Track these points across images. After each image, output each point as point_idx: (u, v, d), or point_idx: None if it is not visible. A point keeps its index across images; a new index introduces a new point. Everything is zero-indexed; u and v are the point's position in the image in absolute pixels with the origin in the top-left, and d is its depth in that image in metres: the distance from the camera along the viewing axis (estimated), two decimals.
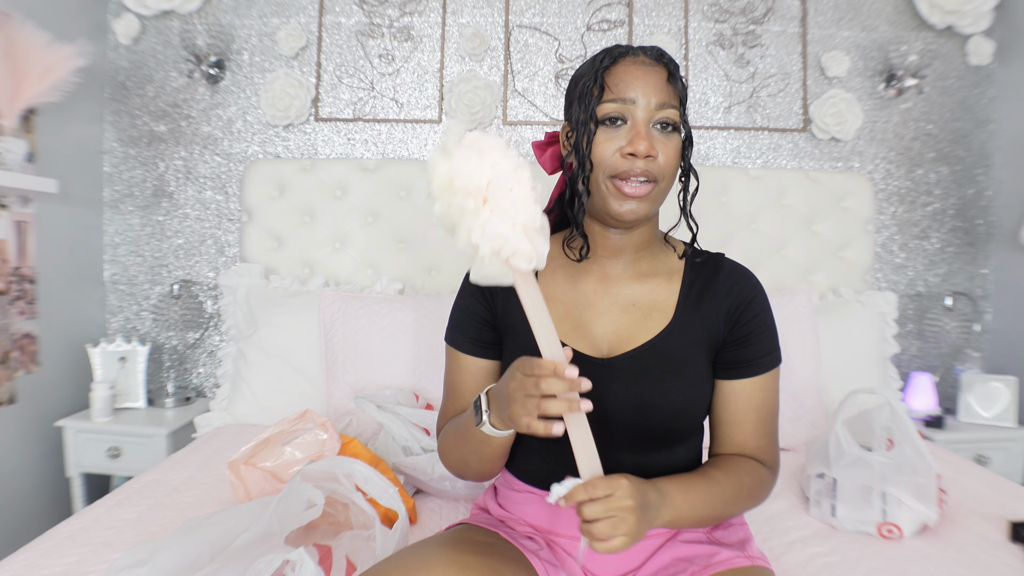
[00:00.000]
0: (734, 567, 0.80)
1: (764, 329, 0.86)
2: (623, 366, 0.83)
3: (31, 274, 1.76)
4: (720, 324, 0.85)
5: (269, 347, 1.74)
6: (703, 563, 0.81)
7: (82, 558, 0.97)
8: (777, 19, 2.10)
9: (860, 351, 1.81)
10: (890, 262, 2.17)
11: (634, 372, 0.83)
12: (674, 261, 0.90)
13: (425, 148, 2.09)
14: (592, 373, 0.72)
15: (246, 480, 1.08)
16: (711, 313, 0.85)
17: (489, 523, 0.90)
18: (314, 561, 0.75)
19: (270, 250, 1.96)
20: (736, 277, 0.88)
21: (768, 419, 0.87)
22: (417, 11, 2.07)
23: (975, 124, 2.15)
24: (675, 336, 0.84)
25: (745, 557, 0.83)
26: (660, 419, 0.82)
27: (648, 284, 0.87)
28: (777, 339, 0.88)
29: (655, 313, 0.86)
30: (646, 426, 0.82)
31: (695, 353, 0.84)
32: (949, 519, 1.19)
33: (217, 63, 2.01)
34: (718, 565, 0.80)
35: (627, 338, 0.85)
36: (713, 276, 0.88)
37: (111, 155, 2.07)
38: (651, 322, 0.85)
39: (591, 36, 2.09)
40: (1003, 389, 1.92)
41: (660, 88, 0.80)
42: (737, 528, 0.91)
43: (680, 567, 0.82)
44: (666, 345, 0.84)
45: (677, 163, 0.82)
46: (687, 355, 0.84)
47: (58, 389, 1.87)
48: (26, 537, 1.20)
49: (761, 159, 2.13)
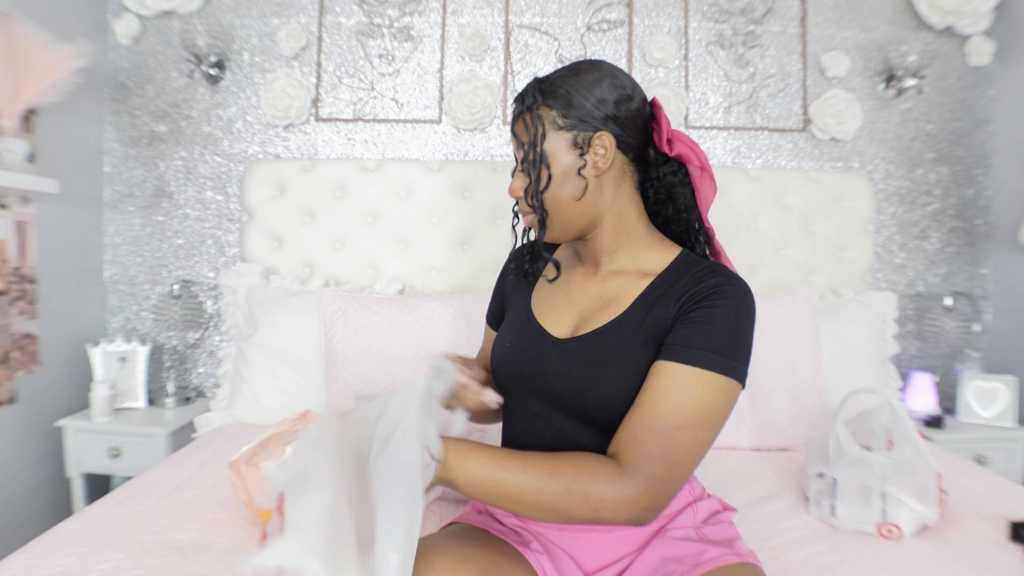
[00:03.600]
0: (724, 564, 0.81)
1: (708, 321, 0.77)
2: (570, 348, 0.87)
3: (31, 274, 1.76)
4: (669, 315, 0.81)
5: (269, 347, 1.74)
6: (692, 562, 0.82)
7: (82, 558, 0.97)
8: (777, 19, 2.10)
9: (860, 351, 1.82)
10: (890, 262, 2.17)
11: (577, 356, 0.86)
12: (661, 261, 0.89)
13: (425, 148, 2.09)
14: (545, 350, 0.89)
15: (247, 480, 1.08)
16: (665, 307, 0.82)
17: (481, 521, 0.92)
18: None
19: (270, 250, 1.96)
20: (707, 273, 0.82)
21: (663, 416, 0.74)
22: (417, 11, 2.07)
23: (975, 124, 2.15)
24: (621, 328, 0.84)
25: (734, 554, 0.83)
26: (592, 404, 0.83)
27: (619, 280, 0.90)
28: (726, 348, 0.76)
29: (613, 305, 0.88)
30: (582, 408, 0.84)
31: (638, 347, 0.81)
32: (949, 519, 1.19)
33: (217, 63, 2.01)
34: (707, 563, 0.81)
35: (583, 325, 0.89)
36: (685, 273, 0.84)
37: (111, 155, 2.07)
38: (606, 312, 0.88)
39: (591, 36, 2.09)
40: (1003, 389, 1.92)
41: (512, 135, 0.90)
42: (726, 526, 0.92)
43: (670, 567, 0.82)
44: (610, 335, 0.84)
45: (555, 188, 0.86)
46: (628, 348, 0.82)
47: (58, 389, 1.87)
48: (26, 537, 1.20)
49: (761, 159, 2.13)
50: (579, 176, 0.86)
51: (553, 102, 0.85)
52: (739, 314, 0.79)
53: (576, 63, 0.89)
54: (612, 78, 0.86)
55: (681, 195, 0.92)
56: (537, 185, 0.86)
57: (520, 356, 0.91)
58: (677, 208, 0.93)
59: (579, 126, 0.84)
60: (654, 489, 0.72)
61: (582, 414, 0.85)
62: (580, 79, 0.85)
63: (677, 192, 0.92)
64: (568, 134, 0.85)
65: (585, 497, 0.72)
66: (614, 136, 0.85)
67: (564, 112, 0.85)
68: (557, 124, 0.85)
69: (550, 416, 0.88)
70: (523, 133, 0.87)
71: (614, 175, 0.88)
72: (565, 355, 0.87)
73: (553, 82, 0.86)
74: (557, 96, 0.85)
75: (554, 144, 0.85)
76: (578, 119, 0.84)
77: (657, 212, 0.95)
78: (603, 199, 0.88)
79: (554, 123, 0.85)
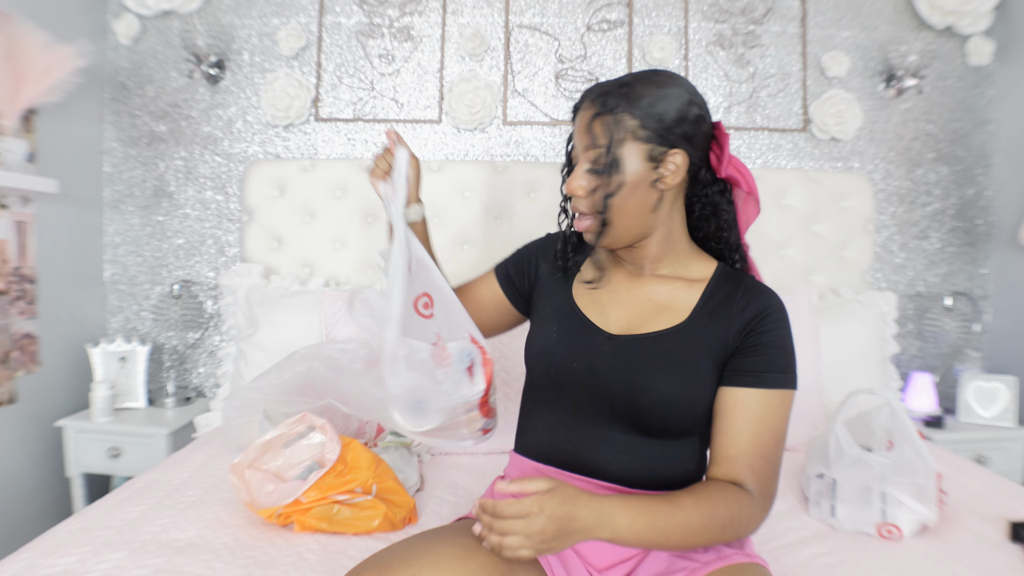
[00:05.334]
0: (734, 563, 0.81)
1: (776, 345, 0.86)
2: (626, 345, 0.88)
3: (31, 274, 1.76)
4: (731, 335, 0.86)
5: (269, 347, 1.74)
6: (702, 560, 0.83)
7: (82, 558, 0.97)
8: (777, 19, 2.10)
9: (860, 351, 1.81)
10: (890, 262, 2.17)
11: (634, 354, 0.87)
12: (702, 272, 0.93)
13: (425, 148, 2.09)
14: (597, 344, 0.89)
15: (250, 483, 1.09)
16: (724, 323, 0.87)
17: None
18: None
19: (270, 250, 1.96)
20: (755, 293, 0.88)
21: (767, 440, 0.83)
22: (417, 11, 2.07)
23: (975, 124, 2.15)
24: (683, 335, 0.87)
25: (744, 554, 0.84)
26: (648, 405, 0.84)
27: (668, 286, 0.92)
28: (791, 363, 0.86)
29: (668, 311, 0.90)
30: (634, 408, 0.85)
31: (698, 355, 0.85)
32: (949, 519, 1.19)
33: (217, 63, 2.01)
34: (717, 562, 0.82)
35: (637, 325, 0.90)
36: (734, 290, 0.89)
37: (111, 155, 2.07)
38: (663, 317, 0.90)
39: (591, 36, 2.09)
40: (1003, 389, 1.92)
41: (583, 131, 0.88)
42: None
43: (680, 565, 0.83)
44: (671, 340, 0.87)
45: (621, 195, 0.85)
46: (690, 354, 0.86)
47: (58, 389, 1.87)
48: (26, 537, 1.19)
49: (761, 159, 2.13)
50: (649, 188, 0.86)
51: (636, 111, 0.84)
52: (789, 330, 0.88)
53: (655, 71, 0.88)
54: (692, 95, 0.87)
55: (726, 214, 0.94)
56: (607, 189, 0.85)
57: (568, 348, 0.91)
58: (720, 226, 0.95)
59: (657, 140, 0.85)
60: (773, 500, 0.85)
61: (628, 414, 0.86)
62: (665, 92, 0.85)
63: (722, 210, 0.94)
64: (645, 146, 0.85)
65: (736, 528, 0.80)
66: (688, 155, 0.87)
67: (645, 123, 0.84)
68: (636, 134, 0.84)
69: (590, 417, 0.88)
70: (602, 134, 0.85)
71: (673, 191, 0.90)
72: (621, 352, 0.88)
73: (637, 90, 0.85)
74: (640, 105, 0.84)
75: (630, 153, 0.85)
76: (657, 133, 0.84)
77: (698, 227, 0.96)
78: (661, 213, 0.89)
79: (633, 133, 0.84)
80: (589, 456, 0.88)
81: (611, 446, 0.87)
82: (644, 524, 0.76)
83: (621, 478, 0.86)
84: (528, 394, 0.99)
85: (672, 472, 0.87)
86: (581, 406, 0.89)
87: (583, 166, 0.88)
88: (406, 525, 1.17)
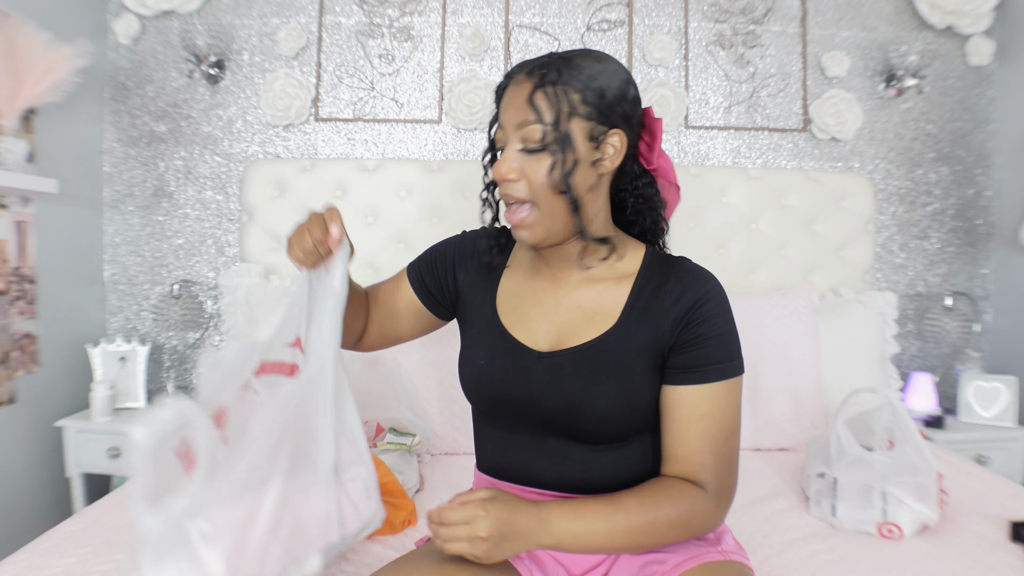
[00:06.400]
0: (706, 562, 0.80)
1: (716, 335, 0.80)
2: (558, 362, 0.83)
3: (31, 274, 1.75)
4: (666, 331, 0.81)
5: None
6: (674, 561, 0.81)
7: (83, 558, 0.97)
8: (777, 19, 2.10)
9: (860, 351, 1.82)
10: (890, 262, 2.17)
11: (567, 370, 0.82)
12: (631, 266, 0.87)
13: (425, 148, 2.09)
14: (528, 364, 0.84)
15: None
16: (657, 319, 0.81)
17: None
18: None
19: (270, 250, 1.96)
20: (689, 281, 0.82)
21: (718, 435, 0.79)
22: (417, 11, 2.07)
23: (975, 124, 2.15)
24: (614, 341, 0.82)
25: (718, 552, 0.82)
26: (589, 420, 0.81)
27: (595, 288, 0.86)
28: (734, 348, 0.81)
29: (598, 316, 0.84)
30: (576, 424, 0.82)
31: (634, 359, 0.81)
32: (949, 519, 1.19)
33: (217, 63, 2.01)
34: (689, 562, 0.80)
35: (567, 337, 0.85)
36: (664, 281, 0.83)
37: (111, 155, 2.07)
38: (592, 324, 0.84)
39: (591, 36, 2.09)
40: (1003, 389, 1.92)
41: (520, 107, 0.78)
42: None
43: (652, 568, 0.81)
44: (603, 348, 0.82)
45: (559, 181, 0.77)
46: (625, 360, 0.81)
47: (58, 389, 1.86)
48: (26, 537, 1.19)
49: (761, 159, 2.13)
50: (590, 169, 0.79)
51: (577, 83, 0.77)
52: (728, 312, 0.83)
53: (587, 49, 0.81)
54: (629, 75, 0.81)
55: (660, 206, 0.89)
56: (564, 168, 0.76)
57: (500, 374, 0.86)
58: (655, 219, 0.89)
59: (598, 117, 0.78)
60: (731, 495, 0.82)
61: (571, 430, 0.83)
62: (605, 67, 0.79)
63: (655, 202, 0.88)
64: (587, 123, 0.78)
65: (687, 526, 0.78)
66: (626, 138, 0.81)
67: (586, 98, 0.77)
68: (578, 110, 0.77)
69: (533, 435, 0.85)
70: (547, 108, 0.76)
71: (607, 178, 0.83)
72: (554, 371, 0.83)
73: (575, 62, 0.78)
74: (581, 78, 0.77)
75: (573, 130, 0.77)
76: (598, 110, 0.78)
77: (633, 223, 0.91)
78: (597, 200, 0.83)
79: (575, 108, 0.77)
80: (542, 470, 0.86)
81: (561, 459, 0.84)
82: (583, 527, 0.75)
83: (578, 488, 0.84)
84: (475, 414, 0.95)
85: (629, 474, 0.84)
86: (525, 425, 0.86)
87: (515, 145, 0.79)
88: (405, 527, 1.17)
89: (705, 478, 0.79)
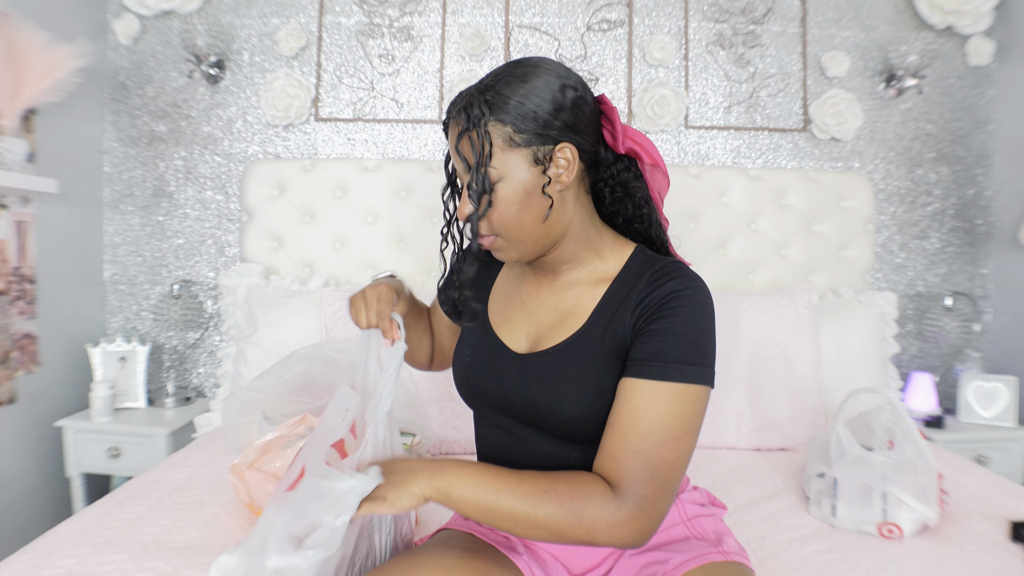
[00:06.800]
0: (708, 562, 0.80)
1: (673, 332, 0.75)
2: (529, 364, 0.84)
3: (31, 274, 1.75)
4: (628, 327, 0.78)
5: (269, 347, 1.74)
6: (676, 562, 0.81)
7: (83, 559, 0.97)
8: (777, 19, 2.10)
9: (860, 351, 1.81)
10: (890, 262, 2.17)
11: (536, 373, 0.83)
12: (612, 268, 0.85)
13: (425, 148, 2.09)
14: (505, 364, 0.86)
15: (249, 484, 1.08)
16: (622, 317, 0.79)
17: (469, 527, 0.92)
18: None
19: (270, 250, 1.96)
20: (664, 279, 0.78)
21: (645, 436, 0.71)
22: (417, 11, 2.07)
23: (975, 124, 2.15)
24: (581, 342, 0.81)
25: (719, 552, 0.82)
26: (555, 423, 0.81)
27: (574, 291, 0.86)
28: (692, 355, 0.74)
29: (570, 319, 0.84)
30: (546, 425, 0.83)
31: (599, 361, 0.79)
32: (949, 519, 1.19)
33: (217, 63, 2.01)
34: (691, 562, 0.80)
35: (543, 339, 0.86)
36: (639, 279, 0.81)
37: (111, 155, 2.07)
38: (564, 327, 0.84)
39: (591, 36, 2.09)
40: (1003, 389, 1.92)
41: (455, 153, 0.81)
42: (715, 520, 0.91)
43: (654, 569, 0.81)
44: (570, 351, 0.82)
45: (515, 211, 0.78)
46: (590, 364, 0.79)
47: (58, 389, 1.86)
48: (27, 537, 1.19)
49: (761, 159, 2.13)
50: (543, 195, 0.79)
51: (505, 116, 0.76)
52: (699, 317, 0.76)
53: (515, 64, 0.79)
54: (562, 79, 0.79)
55: (638, 189, 0.86)
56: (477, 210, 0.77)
57: (480, 370, 0.89)
58: (636, 203, 0.87)
59: (538, 140, 0.76)
60: (647, 511, 0.71)
61: (546, 428, 0.84)
62: (531, 85, 0.76)
63: (633, 187, 0.86)
64: (527, 150, 0.77)
65: (579, 518, 0.70)
66: (575, 146, 0.79)
67: (519, 126, 0.76)
68: (514, 141, 0.76)
69: (516, 429, 0.87)
70: (470, 154, 0.77)
71: (574, 186, 0.82)
72: (524, 372, 0.84)
73: (500, 91, 0.76)
74: (508, 108, 0.76)
75: (512, 163, 0.77)
76: (535, 133, 0.76)
77: (616, 212, 0.89)
78: (566, 213, 0.82)
79: (510, 140, 0.76)
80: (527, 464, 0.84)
81: (542, 455, 0.85)
82: (471, 476, 0.72)
83: None
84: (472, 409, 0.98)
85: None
86: (505, 420, 0.88)
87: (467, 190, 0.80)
88: None
89: (617, 477, 0.72)
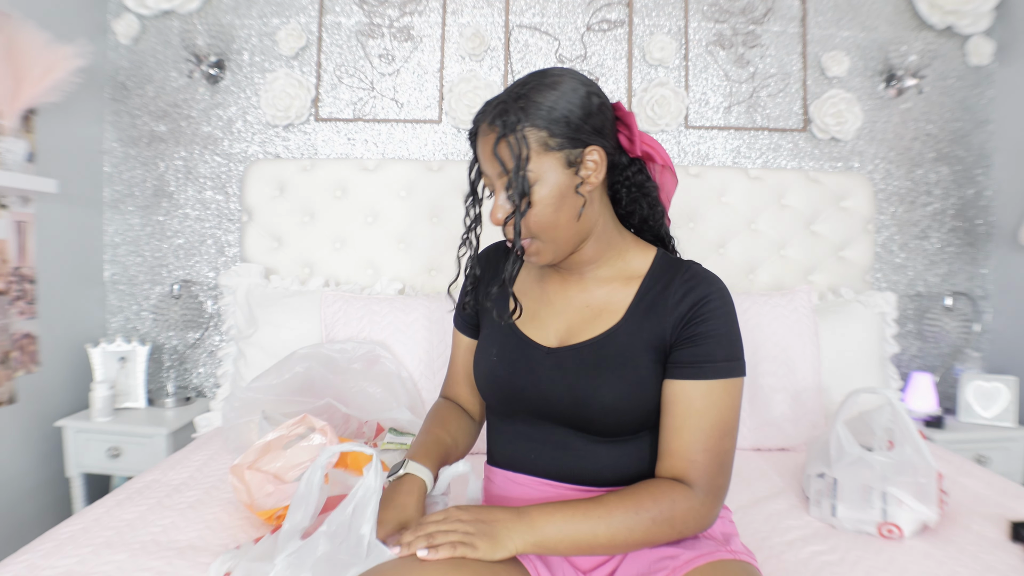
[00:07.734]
0: (716, 560, 0.81)
1: (716, 334, 0.83)
2: (565, 357, 0.88)
3: (31, 274, 1.75)
4: (668, 328, 0.84)
5: (269, 347, 1.74)
6: (684, 558, 0.81)
7: (83, 559, 0.97)
8: (777, 19, 2.10)
9: (860, 351, 1.81)
10: (890, 262, 2.17)
11: (574, 365, 0.87)
12: (639, 267, 0.91)
13: (425, 148, 2.09)
14: (537, 360, 0.89)
15: (249, 485, 1.08)
16: (661, 316, 0.85)
17: None
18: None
19: (270, 250, 1.96)
20: (693, 283, 0.86)
21: (711, 432, 0.81)
22: (417, 11, 2.07)
23: (975, 124, 2.15)
24: (619, 336, 0.86)
25: (728, 551, 0.83)
26: (594, 412, 0.85)
27: (604, 288, 0.91)
28: (734, 350, 0.84)
29: (605, 314, 0.89)
30: (582, 417, 0.86)
31: (638, 354, 0.85)
32: (949, 519, 1.19)
33: (217, 63, 2.01)
34: (699, 559, 0.81)
35: (575, 334, 0.90)
36: (671, 281, 0.87)
37: (111, 155, 2.07)
38: (599, 321, 0.89)
39: (591, 36, 2.09)
40: (1003, 389, 1.92)
41: (490, 158, 0.84)
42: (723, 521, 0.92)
43: (663, 564, 0.82)
44: (609, 344, 0.86)
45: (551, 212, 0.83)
46: (629, 355, 0.85)
47: (58, 389, 1.86)
48: (26, 537, 1.19)
49: (761, 159, 2.13)
50: (576, 195, 0.84)
51: (539, 121, 0.81)
52: (731, 315, 0.85)
53: (541, 73, 0.84)
54: (587, 86, 0.84)
55: (651, 190, 0.93)
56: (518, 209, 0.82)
57: (510, 368, 0.91)
58: (650, 203, 0.94)
59: (570, 144, 0.82)
60: (720, 495, 0.82)
61: (579, 423, 0.86)
62: (560, 92, 0.82)
63: (647, 188, 0.93)
64: (560, 153, 0.82)
65: (671, 523, 0.79)
66: (604, 149, 0.84)
67: (553, 131, 0.81)
68: (548, 145, 0.81)
69: (543, 428, 0.89)
70: (509, 158, 0.81)
71: (598, 187, 0.88)
72: (560, 364, 0.88)
73: (532, 99, 0.81)
74: (542, 114, 0.81)
75: (547, 166, 0.82)
76: (568, 137, 0.81)
77: (632, 212, 0.95)
78: (593, 213, 0.87)
79: (545, 144, 0.81)
80: (552, 462, 0.89)
81: (571, 451, 0.88)
82: (562, 519, 0.77)
83: (590, 481, 0.88)
84: (488, 409, 1.00)
85: (639, 468, 0.88)
86: (535, 418, 0.90)
87: (502, 194, 0.85)
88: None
89: (693, 475, 0.81)
